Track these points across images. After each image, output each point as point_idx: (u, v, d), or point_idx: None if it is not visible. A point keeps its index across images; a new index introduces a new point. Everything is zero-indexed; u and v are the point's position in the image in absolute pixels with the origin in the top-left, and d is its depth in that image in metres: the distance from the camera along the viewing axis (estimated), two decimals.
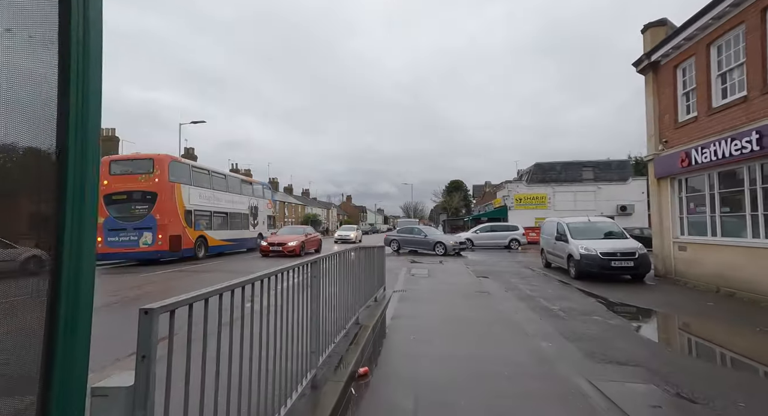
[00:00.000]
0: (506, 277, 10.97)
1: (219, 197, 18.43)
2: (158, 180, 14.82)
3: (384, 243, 22.14)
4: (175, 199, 15.25)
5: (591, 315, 6.33)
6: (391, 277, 10.58)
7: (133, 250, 14.61)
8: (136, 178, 14.94)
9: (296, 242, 17.48)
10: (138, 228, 14.49)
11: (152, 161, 15.13)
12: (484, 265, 14.26)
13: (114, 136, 28.21)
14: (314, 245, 19.87)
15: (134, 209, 14.87)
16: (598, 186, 29.66)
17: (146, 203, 14.78)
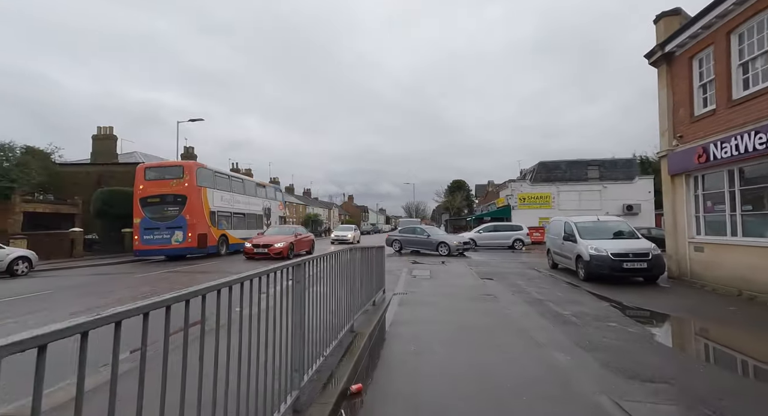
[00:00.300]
0: (512, 279, 10.49)
1: (237, 199, 20.35)
2: (187, 184, 16.72)
3: (386, 243, 21.68)
4: (201, 201, 17.19)
5: (606, 322, 5.85)
6: (391, 279, 10.13)
7: (167, 247, 16.50)
8: (168, 182, 16.89)
9: (284, 243, 16.05)
10: (170, 228, 16.38)
11: (182, 168, 17.27)
12: (488, 266, 13.78)
13: (112, 134, 27.83)
14: (305, 246, 18.45)
15: (167, 210, 16.67)
16: (603, 185, 29.10)
17: (177, 205, 16.64)
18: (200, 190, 17.18)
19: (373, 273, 6.73)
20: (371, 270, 6.52)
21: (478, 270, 12.40)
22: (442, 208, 68.26)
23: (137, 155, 29.67)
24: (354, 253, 5.18)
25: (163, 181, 17.02)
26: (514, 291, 8.64)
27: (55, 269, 13.47)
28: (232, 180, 20.70)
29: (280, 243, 16.05)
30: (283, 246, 15.91)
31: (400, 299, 7.80)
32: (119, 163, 27.48)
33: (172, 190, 16.77)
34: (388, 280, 9.49)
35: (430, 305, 7.17)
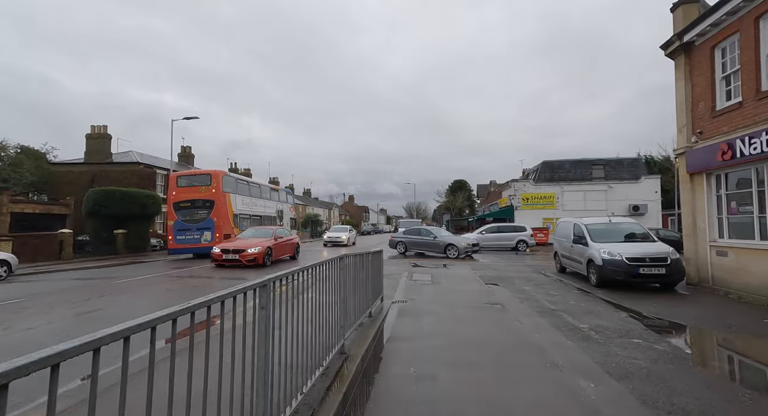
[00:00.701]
0: (518, 285, 9.85)
1: (255, 203, 22.43)
2: (214, 190, 18.76)
3: (389, 245, 20.93)
4: (226, 205, 19.03)
5: (630, 337, 5.21)
6: (390, 284, 9.50)
7: (197, 246, 18.34)
8: (198, 189, 18.93)
9: (259, 248, 13.82)
10: (200, 229, 18.44)
11: (210, 176, 19.36)
12: (492, 270, 13.13)
13: (106, 133, 27.26)
14: (287, 251, 16.29)
15: (196, 214, 18.66)
16: (609, 185, 28.41)
17: (206, 209, 18.67)
18: (225, 195, 19.13)
19: (370, 281, 6.10)
20: (367, 279, 5.89)
21: (482, 275, 11.76)
22: (443, 208, 67.57)
23: (132, 154, 29.12)
24: (346, 262, 4.55)
25: (192, 187, 19.16)
26: (523, 298, 8.00)
27: (38, 273, 12.87)
28: (250, 185, 22.94)
29: (255, 248, 13.86)
30: (258, 252, 13.76)
31: (400, 308, 7.17)
32: (114, 163, 26.93)
33: (201, 195, 18.87)
34: (387, 285, 8.87)
35: (431, 315, 6.53)
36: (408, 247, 19.45)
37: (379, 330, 5.53)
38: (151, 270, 13.80)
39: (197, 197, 18.88)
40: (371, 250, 6.62)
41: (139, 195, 21.28)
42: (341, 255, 4.36)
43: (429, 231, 19.66)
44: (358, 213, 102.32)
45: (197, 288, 9.52)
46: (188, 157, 37.18)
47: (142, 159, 28.50)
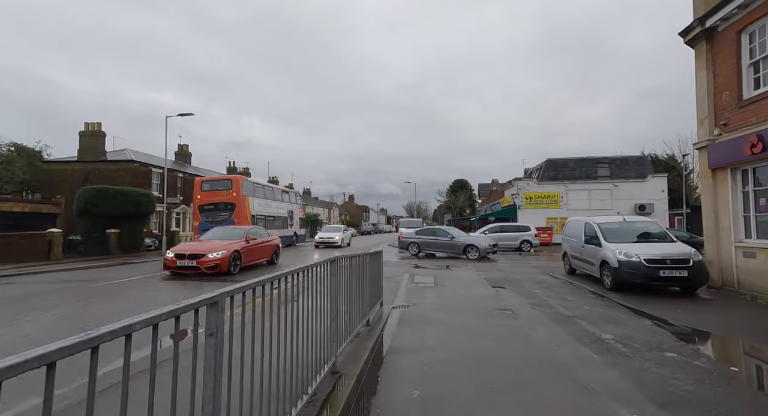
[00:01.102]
0: (527, 288, 9.23)
1: (269, 204, 24.59)
2: (235, 194, 20.76)
3: (399, 246, 20.05)
4: (246, 207, 20.97)
5: (661, 350, 4.59)
6: (390, 287, 8.89)
7: None
8: (220, 193, 20.97)
9: (222, 252, 11.15)
10: None
11: (231, 181, 21.65)
12: (497, 271, 12.51)
13: (100, 131, 26.66)
14: (263, 254, 13.81)
15: (219, 215, 20.45)
16: (614, 183, 27.77)
17: (227, 211, 20.56)
18: (245, 198, 21.19)
19: (368, 286, 5.50)
20: (365, 284, 5.28)
21: (487, 277, 11.14)
22: (444, 207, 66.97)
23: (128, 152, 28.54)
24: (340, 264, 3.94)
25: (215, 191, 21.20)
26: (534, 303, 7.38)
27: (21, 274, 12.27)
28: (265, 189, 25.29)
29: (217, 251, 11.14)
30: (221, 257, 11.05)
31: (400, 315, 6.56)
32: (108, 161, 26.35)
33: (223, 198, 20.86)
34: (387, 289, 8.27)
35: (436, 324, 5.92)
36: (422, 248, 18.46)
37: (377, 342, 4.92)
38: (140, 271, 13.19)
39: (220, 200, 20.94)
40: (369, 251, 6.02)
41: (132, 193, 20.69)
42: (333, 257, 3.75)
43: (446, 231, 18.58)
44: (358, 212, 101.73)
45: (184, 290, 8.92)
46: (185, 156, 36.60)
47: (137, 157, 27.92)
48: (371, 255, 5.99)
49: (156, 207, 22.67)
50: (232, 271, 11.47)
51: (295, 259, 16.94)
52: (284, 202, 27.50)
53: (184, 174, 31.98)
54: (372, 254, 6.09)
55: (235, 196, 20.88)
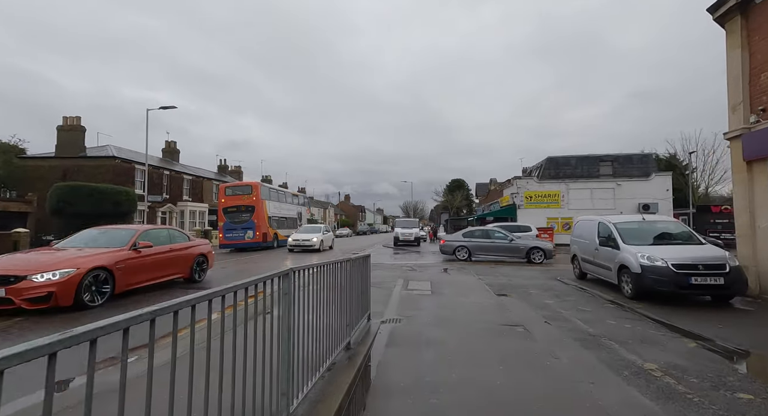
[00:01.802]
0: (536, 296, 8.16)
1: (282, 207, 26.99)
2: (255, 198, 23.18)
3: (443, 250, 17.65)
4: (263, 209, 23.46)
5: (730, 389, 3.51)
6: (381, 296, 7.78)
7: (242, 242, 22.30)
8: (242, 197, 23.32)
9: (63, 272, 6.39)
10: (244, 228, 22.39)
11: (251, 186, 24.19)
12: (499, 276, 11.43)
13: (79, 125, 25.30)
14: (175, 268, 9.11)
15: (241, 216, 22.68)
16: (617, 182, 26.83)
17: (248, 213, 22.73)
18: (263, 202, 23.68)
19: (349, 302, 4.40)
20: (345, 299, 4.19)
21: (489, 282, 10.05)
22: (441, 207, 65.96)
23: (110, 148, 27.21)
24: (296, 280, 2.84)
25: (237, 196, 23.57)
26: (548, 316, 6.30)
27: None
28: (279, 193, 28.29)
29: (54, 271, 6.35)
30: (57, 281, 6.29)
31: (391, 332, 5.45)
32: (88, 157, 25.01)
33: (244, 202, 23.09)
34: (377, 297, 7.17)
35: (434, 346, 4.81)
36: (473, 252, 16.51)
37: (357, 376, 3.80)
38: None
39: (241, 204, 23.08)
40: (353, 256, 4.93)
41: (110, 191, 19.40)
42: (286, 270, 2.64)
43: (504, 233, 16.92)
44: (354, 212, 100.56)
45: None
46: (173, 153, 35.29)
47: (120, 153, 26.58)
48: (354, 262, 4.90)
49: (137, 205, 21.37)
50: (90, 303, 6.69)
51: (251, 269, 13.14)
52: (294, 205, 30.12)
53: (170, 171, 30.68)
54: (355, 260, 5.00)
55: (255, 200, 23.29)
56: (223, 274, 11.49)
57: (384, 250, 23.65)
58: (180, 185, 32.03)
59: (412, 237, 27.44)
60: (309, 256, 18.21)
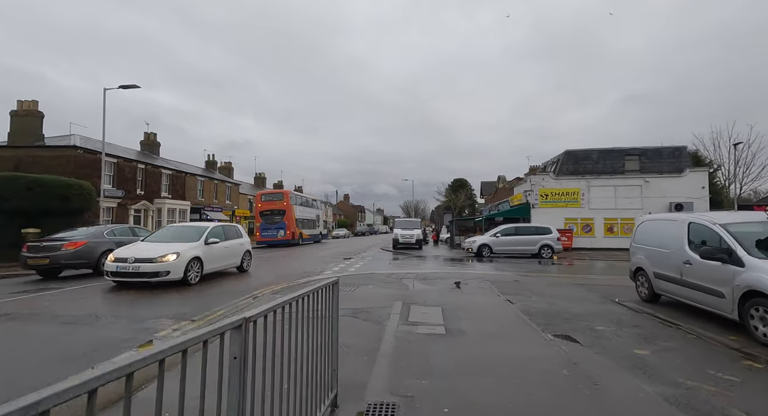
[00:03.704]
0: (612, 339, 5.13)
1: (305, 211, 31.46)
2: (286, 203, 27.94)
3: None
4: (293, 213, 28.14)
5: None
6: (366, 336, 4.78)
7: (274, 239, 26.97)
8: (275, 202, 28.27)
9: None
10: (276, 228, 27.20)
11: (283, 194, 29.73)
12: (530, 293, 8.43)
13: (36, 110, 22.33)
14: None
15: (274, 219, 27.49)
16: (645, 179, 23.79)
17: (280, 215, 27.54)
18: (292, 207, 28.38)
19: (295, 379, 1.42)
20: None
21: (524, 306, 7.05)
22: (443, 207, 62.91)
23: (75, 138, 24.22)
24: None
25: (271, 202, 28.53)
26: (667, 395, 3.29)
27: None
28: (304, 198, 33.68)
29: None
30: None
31: None
32: (45, 146, 22.05)
33: (276, 206, 27.90)
34: (361, 339, 4.27)
35: None
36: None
37: None
38: (60, 282, 9.01)
39: (274, 208, 27.93)
40: (302, 291, 1.88)
41: (55, 184, 16.41)
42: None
43: None
44: (353, 212, 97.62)
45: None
46: (152, 146, 32.34)
47: (87, 144, 23.63)
48: (300, 300, 1.91)
49: (94, 200, 18.36)
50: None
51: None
52: (314, 209, 34.70)
53: (146, 165, 27.71)
54: (302, 297, 2.00)
55: (286, 205, 27.98)
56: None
57: (381, 254, 20.65)
58: (158, 180, 29.04)
59: (413, 240, 24.45)
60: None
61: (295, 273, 11.97)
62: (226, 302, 7.48)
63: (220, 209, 36.66)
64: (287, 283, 9.72)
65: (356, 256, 19.12)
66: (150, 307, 7.03)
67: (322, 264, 14.97)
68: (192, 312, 6.56)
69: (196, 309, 6.86)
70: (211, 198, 36.59)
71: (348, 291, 8.36)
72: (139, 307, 7.05)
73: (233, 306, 7.16)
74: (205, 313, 6.52)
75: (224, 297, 8.03)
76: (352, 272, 12.33)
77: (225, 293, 8.50)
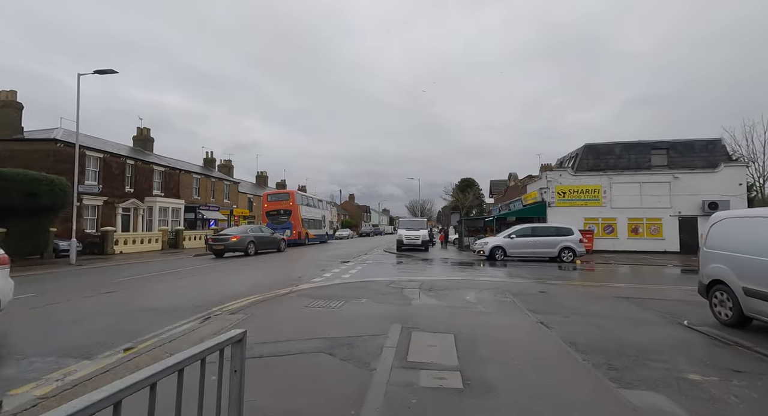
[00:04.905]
0: (725, 402, 3.23)
1: (311, 211, 31.57)
2: (291, 203, 28.38)
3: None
4: (298, 213, 28.42)
5: None
6: (341, 389, 2.92)
7: None
8: (281, 202, 28.81)
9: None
10: (282, 228, 26.63)
11: (289, 194, 30.12)
12: (565, 310, 6.52)
13: (14, 101, 20.89)
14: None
15: (280, 219, 28.02)
16: (674, 174, 21.63)
17: (286, 215, 28.02)
18: (298, 207, 28.50)
19: None
20: None
21: (565, 333, 5.15)
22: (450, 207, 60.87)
23: (59, 131, 22.77)
24: None
25: (278, 201, 28.93)
26: None
27: None
28: (309, 199, 33.33)
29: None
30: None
31: None
32: (23, 140, 20.59)
33: (282, 206, 28.28)
34: (328, 397, 2.42)
35: None
36: None
37: None
38: None
39: (281, 208, 28.21)
40: None
41: (20, 178, 14.87)
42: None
43: None
44: (358, 212, 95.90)
45: None
46: (145, 141, 30.88)
47: (70, 137, 22.16)
48: None
49: (67, 196, 16.77)
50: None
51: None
52: (320, 209, 34.63)
53: (136, 161, 26.22)
54: None
55: (292, 205, 28.17)
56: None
57: (384, 257, 18.82)
58: (149, 177, 27.55)
59: (418, 241, 22.59)
60: None
61: (280, 280, 10.20)
62: (166, 323, 5.70)
63: (216, 208, 35.13)
64: (262, 295, 7.93)
65: (355, 259, 17.31)
66: None
67: (314, 269, 13.17)
68: None
69: None
70: (207, 196, 35.07)
71: (333, 308, 6.55)
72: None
73: (160, 335, 5.38)
74: None
75: (164, 318, 6.26)
76: (345, 279, 10.50)
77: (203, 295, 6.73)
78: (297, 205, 28.47)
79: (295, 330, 5.07)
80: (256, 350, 4.22)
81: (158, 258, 18.00)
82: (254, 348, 4.23)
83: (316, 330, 5.11)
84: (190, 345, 1.87)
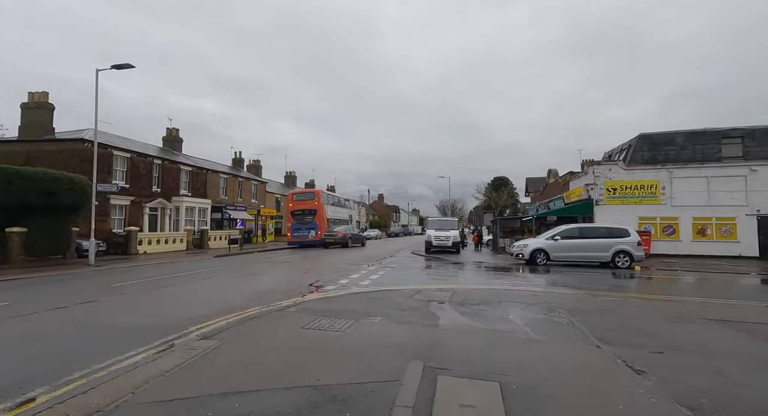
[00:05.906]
0: None
1: (337, 210, 31.76)
2: (317, 203, 28.04)
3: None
4: (324, 213, 28.06)
5: None
6: None
7: (305, 240, 26.91)
8: (306, 202, 28.29)
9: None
10: (307, 228, 27.19)
11: (314, 193, 29.72)
12: (652, 341, 4.72)
13: (46, 102, 21.26)
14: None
15: (305, 219, 27.53)
16: (751, 167, 18.57)
17: (311, 215, 27.55)
18: (323, 207, 28.17)
19: None
20: None
21: (673, 388, 3.42)
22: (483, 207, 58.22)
23: (88, 132, 23.04)
24: None
25: (302, 201, 28.39)
26: None
27: None
28: (335, 198, 33.24)
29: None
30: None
31: None
32: (52, 140, 20.84)
33: (308, 206, 27.74)
34: None
35: None
36: None
37: None
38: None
39: (306, 208, 27.67)
40: None
41: (40, 177, 14.64)
42: None
43: None
44: (387, 213, 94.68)
45: None
46: (174, 142, 31.13)
47: (100, 138, 22.34)
48: None
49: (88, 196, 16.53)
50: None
51: None
52: (346, 209, 34.42)
53: (163, 161, 26.25)
54: None
55: (317, 205, 27.79)
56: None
57: (410, 260, 17.29)
58: (176, 177, 27.56)
59: (449, 242, 20.86)
60: None
61: (288, 288, 8.96)
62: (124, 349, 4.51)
63: (243, 208, 34.94)
64: (258, 309, 6.66)
65: (378, 262, 15.89)
66: None
67: (331, 273, 11.89)
68: None
69: None
70: (234, 196, 34.98)
71: (336, 332, 5.12)
72: None
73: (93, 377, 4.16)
74: None
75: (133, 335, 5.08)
76: (363, 287, 9.09)
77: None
78: (322, 204, 28.18)
79: (273, 371, 3.70)
80: (197, 412, 2.85)
81: (179, 259, 17.47)
82: (197, 407, 2.88)
83: (304, 369, 3.71)
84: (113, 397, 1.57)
